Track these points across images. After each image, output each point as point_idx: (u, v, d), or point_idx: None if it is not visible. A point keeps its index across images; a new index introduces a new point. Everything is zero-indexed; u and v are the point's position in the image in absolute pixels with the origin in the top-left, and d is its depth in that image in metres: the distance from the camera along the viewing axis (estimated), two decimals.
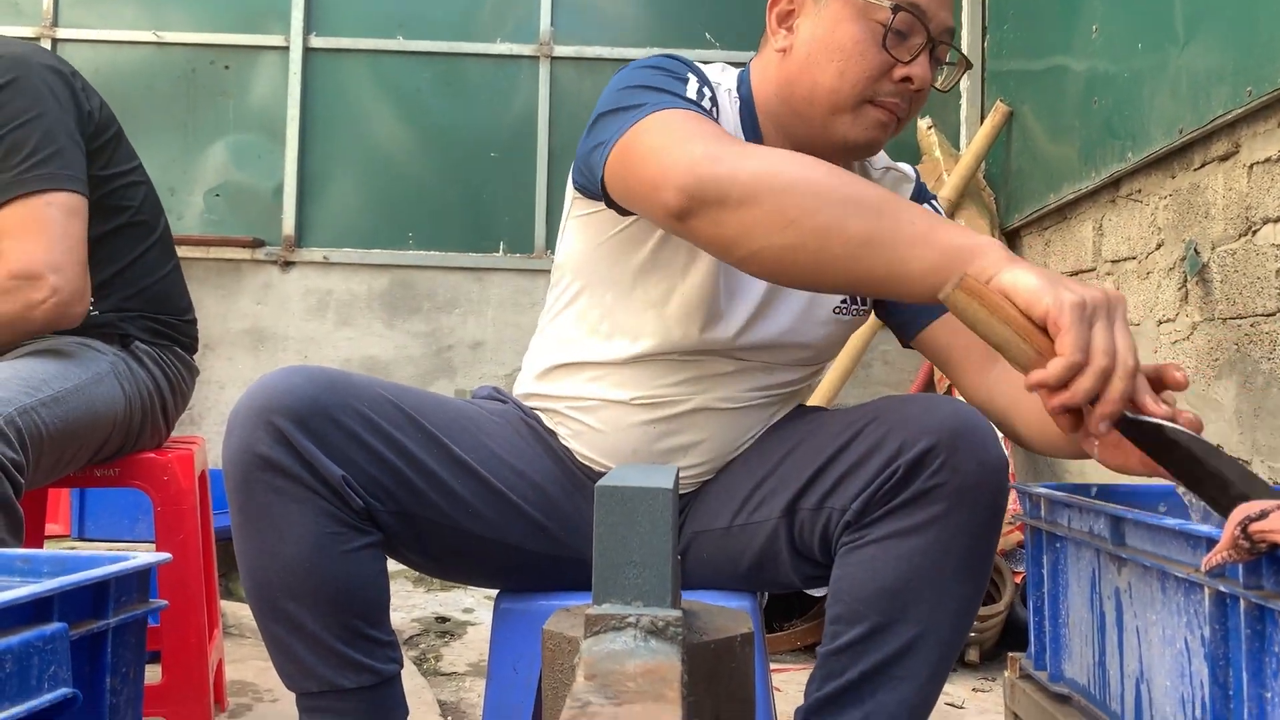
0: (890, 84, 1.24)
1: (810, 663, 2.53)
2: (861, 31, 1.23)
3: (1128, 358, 0.88)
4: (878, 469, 1.17)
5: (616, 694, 0.71)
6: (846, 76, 1.25)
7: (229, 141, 3.90)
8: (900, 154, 4.27)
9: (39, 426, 1.40)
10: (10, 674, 0.60)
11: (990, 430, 1.18)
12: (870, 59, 1.24)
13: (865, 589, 1.16)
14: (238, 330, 3.78)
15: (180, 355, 1.80)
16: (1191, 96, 2.22)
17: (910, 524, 1.15)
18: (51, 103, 1.58)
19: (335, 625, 1.17)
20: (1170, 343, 2.37)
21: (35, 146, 1.53)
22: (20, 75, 1.56)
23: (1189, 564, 0.88)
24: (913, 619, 1.15)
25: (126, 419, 1.63)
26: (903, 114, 1.26)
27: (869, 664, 1.17)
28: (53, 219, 1.53)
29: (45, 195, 1.53)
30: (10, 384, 1.41)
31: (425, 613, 2.97)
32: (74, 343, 1.63)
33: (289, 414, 1.14)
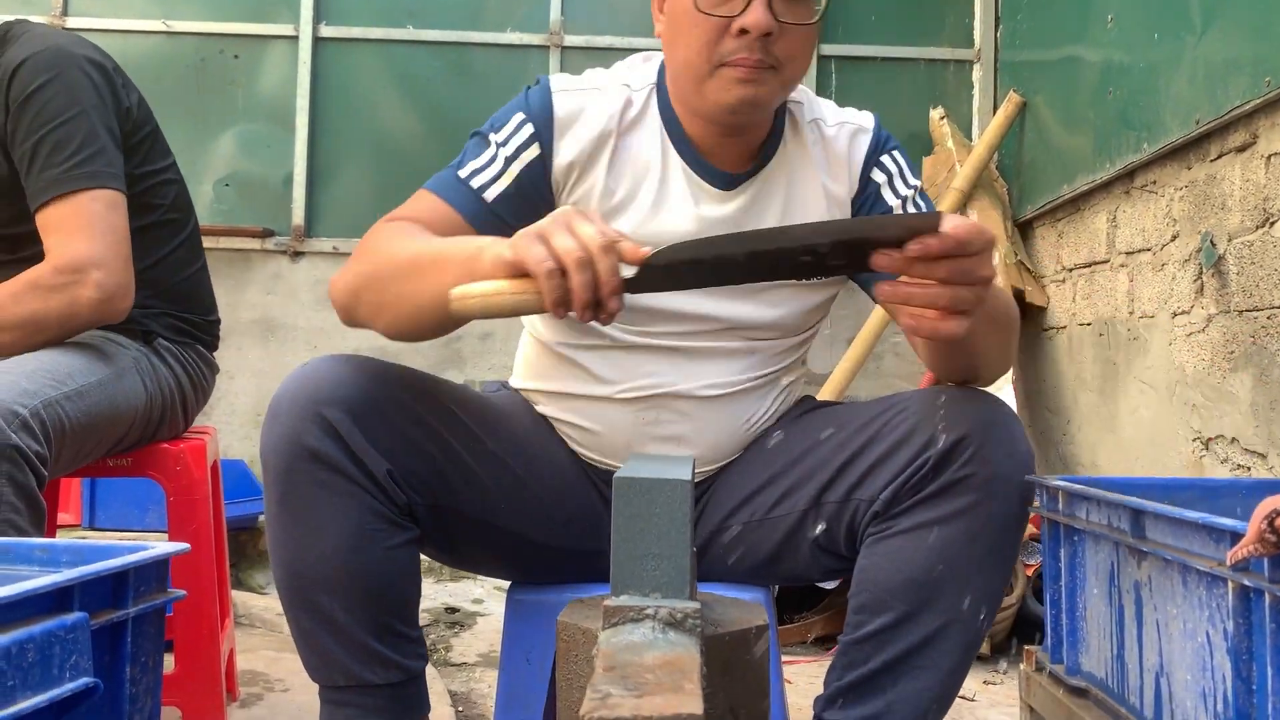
0: (732, 41, 1.22)
1: (821, 655, 2.53)
2: (683, 8, 1.23)
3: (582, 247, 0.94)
4: (907, 460, 1.17)
5: (636, 685, 0.71)
6: (691, 47, 1.25)
7: (238, 131, 3.90)
8: (912, 144, 4.25)
9: (63, 420, 1.40)
10: (33, 663, 0.60)
11: (1018, 423, 1.18)
12: (700, 24, 1.23)
13: (892, 579, 1.16)
14: (247, 320, 3.79)
15: (201, 353, 1.81)
16: (1209, 87, 2.20)
17: (939, 514, 1.15)
18: (93, 98, 1.59)
19: (368, 621, 1.16)
20: (1185, 335, 2.35)
21: (80, 145, 1.55)
22: (62, 70, 1.57)
23: (1211, 558, 0.88)
24: (939, 609, 1.15)
25: (146, 414, 1.63)
26: (764, 64, 1.22)
27: (893, 653, 1.17)
28: (97, 215, 1.54)
29: (90, 193, 1.54)
30: (36, 376, 1.41)
31: (435, 603, 2.98)
32: (98, 337, 1.63)
33: (341, 405, 1.13)
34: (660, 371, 1.32)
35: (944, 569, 1.15)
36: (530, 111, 1.30)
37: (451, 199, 1.26)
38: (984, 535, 1.15)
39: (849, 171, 1.37)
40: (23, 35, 1.62)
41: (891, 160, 1.38)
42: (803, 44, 1.26)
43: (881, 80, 3.91)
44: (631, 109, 1.33)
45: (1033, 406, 3.32)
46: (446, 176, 1.30)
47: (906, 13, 3.92)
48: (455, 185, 1.28)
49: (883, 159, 1.38)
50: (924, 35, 3.91)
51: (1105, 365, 2.81)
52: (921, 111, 3.82)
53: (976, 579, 1.16)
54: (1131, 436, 2.66)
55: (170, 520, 1.71)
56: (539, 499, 1.31)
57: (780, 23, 1.21)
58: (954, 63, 3.90)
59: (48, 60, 1.57)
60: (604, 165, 1.31)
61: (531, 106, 1.30)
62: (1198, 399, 2.29)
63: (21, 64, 1.55)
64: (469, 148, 1.32)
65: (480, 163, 1.29)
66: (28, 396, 1.36)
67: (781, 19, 1.21)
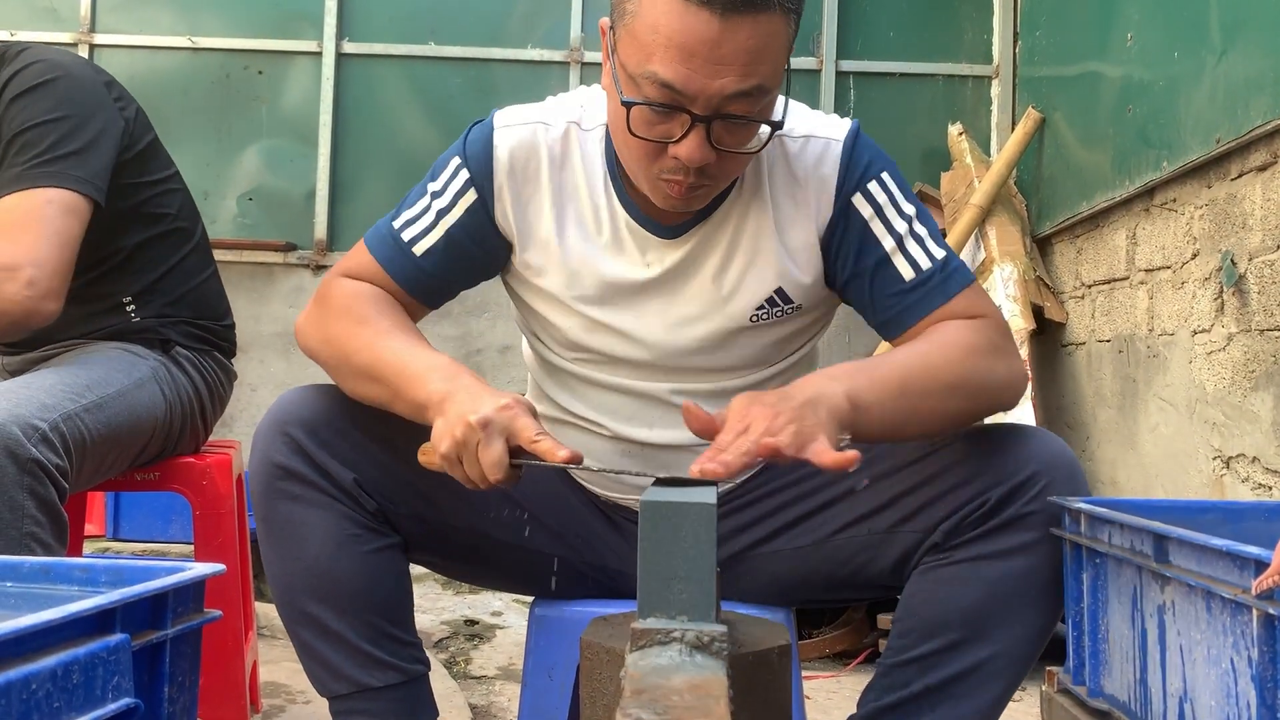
0: (668, 161, 1.13)
1: (839, 670, 2.53)
2: (618, 116, 1.14)
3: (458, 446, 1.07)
4: (971, 494, 1.17)
5: (665, 709, 0.71)
6: (625, 153, 1.19)
7: (262, 146, 3.94)
8: (930, 160, 4.25)
9: (83, 432, 1.42)
10: (77, 685, 0.61)
11: (1078, 463, 1.20)
12: (632, 144, 1.14)
13: (944, 606, 1.17)
14: (270, 333, 3.82)
15: (219, 360, 1.82)
16: (1229, 105, 2.21)
17: (1000, 548, 1.16)
18: (87, 104, 1.58)
19: (359, 624, 1.21)
20: (1205, 353, 2.35)
21: (53, 144, 1.53)
22: (57, 78, 1.58)
23: (1235, 584, 0.88)
24: (988, 641, 1.16)
25: (166, 424, 1.65)
26: (697, 185, 1.15)
27: (936, 679, 1.17)
28: (47, 216, 1.49)
29: (47, 191, 1.50)
30: (55, 390, 1.43)
31: (454, 615, 2.99)
32: (115, 348, 1.65)
33: (301, 425, 1.21)
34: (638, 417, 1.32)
35: (998, 602, 1.15)
36: (466, 156, 1.28)
37: (382, 258, 1.30)
38: (1040, 572, 1.17)
39: (817, 195, 1.24)
40: (24, 50, 1.63)
41: (879, 187, 1.25)
42: (745, 161, 1.18)
43: (900, 96, 3.91)
44: (576, 147, 1.28)
45: (1051, 422, 3.31)
46: (383, 229, 1.32)
47: (925, 28, 3.92)
48: (387, 240, 1.31)
49: (869, 186, 1.24)
50: (942, 51, 3.92)
51: (1125, 382, 2.81)
52: (940, 127, 3.82)
53: (1029, 615, 1.17)
54: (1151, 454, 2.65)
55: (196, 535, 1.73)
56: (527, 508, 1.33)
57: (718, 150, 1.12)
58: (973, 78, 3.91)
59: (44, 68, 1.58)
60: (547, 203, 1.28)
61: (468, 151, 1.29)
62: (1218, 418, 2.29)
63: (24, 68, 1.57)
64: (411, 194, 1.33)
65: (414, 213, 1.31)
66: (47, 410, 1.37)
67: (720, 147, 1.12)
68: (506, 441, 1.06)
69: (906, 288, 1.24)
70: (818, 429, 1.03)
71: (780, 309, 1.28)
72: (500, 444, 1.05)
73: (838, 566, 1.29)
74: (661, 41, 1.06)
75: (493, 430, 1.05)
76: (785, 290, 1.27)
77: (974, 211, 3.32)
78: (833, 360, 1.50)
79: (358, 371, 1.21)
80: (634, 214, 1.27)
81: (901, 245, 1.24)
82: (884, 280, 1.25)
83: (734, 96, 1.08)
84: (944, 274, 1.24)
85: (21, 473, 1.29)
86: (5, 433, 1.29)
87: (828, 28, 3.85)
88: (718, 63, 1.06)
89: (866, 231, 1.24)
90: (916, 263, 1.24)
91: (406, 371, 1.16)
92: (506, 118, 1.30)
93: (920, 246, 1.25)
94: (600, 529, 1.37)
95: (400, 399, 1.16)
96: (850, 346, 3.66)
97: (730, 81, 1.07)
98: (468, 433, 1.05)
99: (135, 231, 1.69)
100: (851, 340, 3.65)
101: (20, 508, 1.29)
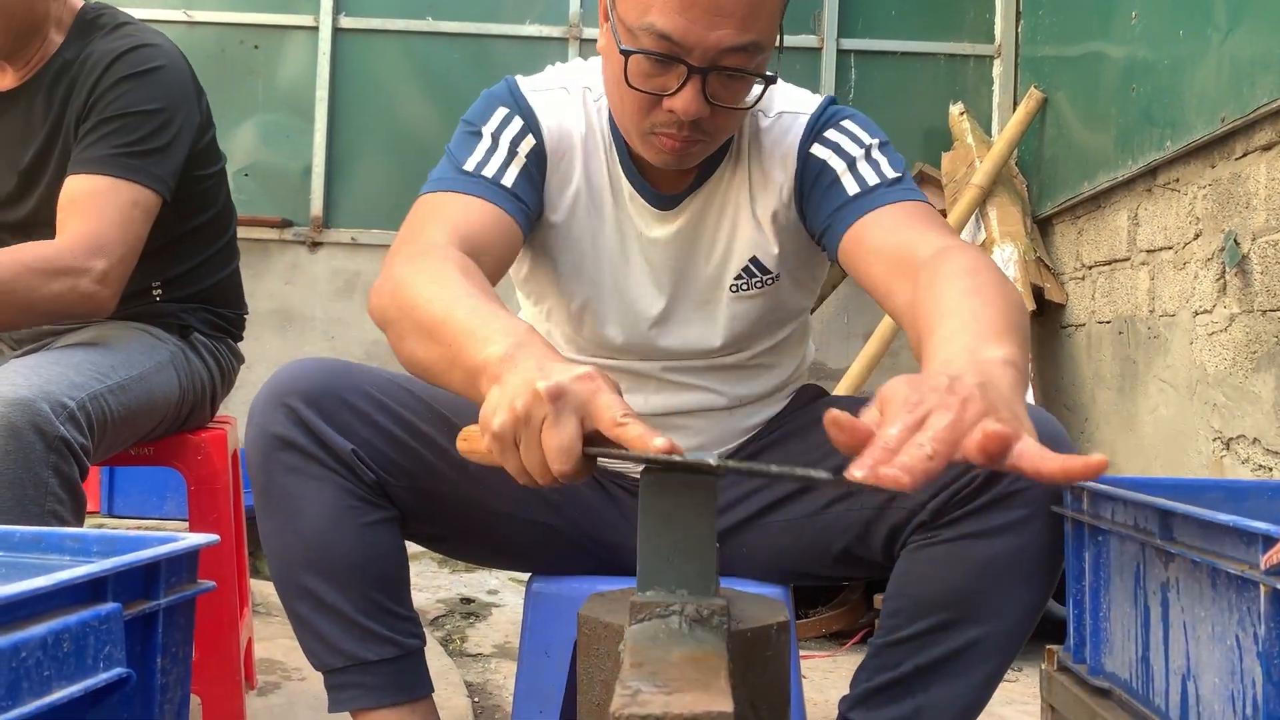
0: (662, 114, 1.14)
1: (835, 650, 2.53)
2: (616, 68, 1.15)
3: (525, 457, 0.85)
4: (958, 472, 1.15)
5: (665, 682, 0.71)
6: (620, 108, 1.20)
7: (258, 121, 3.91)
8: (931, 140, 4.23)
9: (105, 412, 1.42)
10: (68, 654, 0.60)
11: (1069, 441, 1.17)
12: (628, 97, 1.15)
13: (933, 586, 1.15)
14: (265, 310, 3.80)
15: (231, 345, 1.85)
16: (1234, 84, 2.19)
17: (987, 526, 1.14)
18: (179, 103, 1.60)
19: (356, 597, 1.20)
20: (1207, 334, 2.34)
21: (142, 138, 1.54)
22: (162, 67, 1.59)
23: (1242, 560, 0.87)
24: (979, 620, 1.15)
25: (178, 407, 1.66)
26: (691, 140, 1.16)
27: (927, 658, 1.16)
28: (125, 209, 1.52)
29: (129, 184, 1.52)
30: (83, 368, 1.43)
31: (450, 594, 2.99)
32: (135, 329, 1.65)
33: (300, 395, 1.19)
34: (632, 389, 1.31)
35: (989, 580, 1.14)
36: (514, 106, 1.27)
37: (476, 192, 1.20)
38: (1031, 550, 1.15)
39: (783, 161, 1.27)
40: (109, 23, 1.64)
41: (838, 131, 1.26)
42: (738, 116, 1.19)
43: (901, 75, 3.89)
44: (594, 115, 1.29)
45: (1050, 404, 3.31)
46: (451, 175, 1.23)
47: (927, 7, 3.90)
48: (470, 180, 1.22)
49: (826, 133, 1.26)
50: (944, 30, 3.89)
51: (1125, 364, 2.80)
52: (941, 107, 3.80)
53: (1020, 593, 1.15)
54: (1151, 435, 2.64)
55: (191, 510, 1.72)
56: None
57: (713, 105, 1.13)
58: (974, 58, 3.89)
59: (151, 54, 1.59)
60: (579, 168, 1.29)
61: (515, 101, 1.28)
62: (1219, 399, 2.28)
63: (131, 50, 1.58)
64: (458, 145, 1.26)
65: (480, 154, 1.24)
66: (75, 389, 1.37)
67: (715, 101, 1.13)
68: (581, 423, 0.83)
69: (847, 199, 1.22)
70: (1015, 422, 0.79)
71: (758, 279, 1.30)
72: (574, 424, 0.83)
73: (831, 542, 1.28)
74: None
75: (565, 405, 0.83)
76: (760, 260, 1.29)
77: (974, 192, 3.30)
78: (830, 341, 1.49)
79: (421, 326, 1.02)
80: (634, 181, 1.29)
81: (853, 167, 1.24)
82: (832, 196, 1.24)
83: (731, 50, 1.10)
84: (891, 188, 1.22)
85: (48, 450, 1.29)
86: (35, 410, 1.29)
87: (829, 6, 3.81)
88: (715, 14, 1.07)
89: (824, 168, 1.25)
90: (864, 179, 1.23)
91: (473, 328, 0.95)
92: (529, 83, 1.30)
93: (873, 169, 1.23)
94: (598, 501, 1.37)
95: (458, 363, 0.96)
96: (849, 327, 3.64)
97: (728, 34, 1.08)
98: (533, 404, 0.82)
99: (180, 222, 1.70)
100: (850, 321, 3.64)
101: (45, 484, 1.29)
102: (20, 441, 1.27)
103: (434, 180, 1.24)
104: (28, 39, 1.61)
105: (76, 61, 1.60)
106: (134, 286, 1.67)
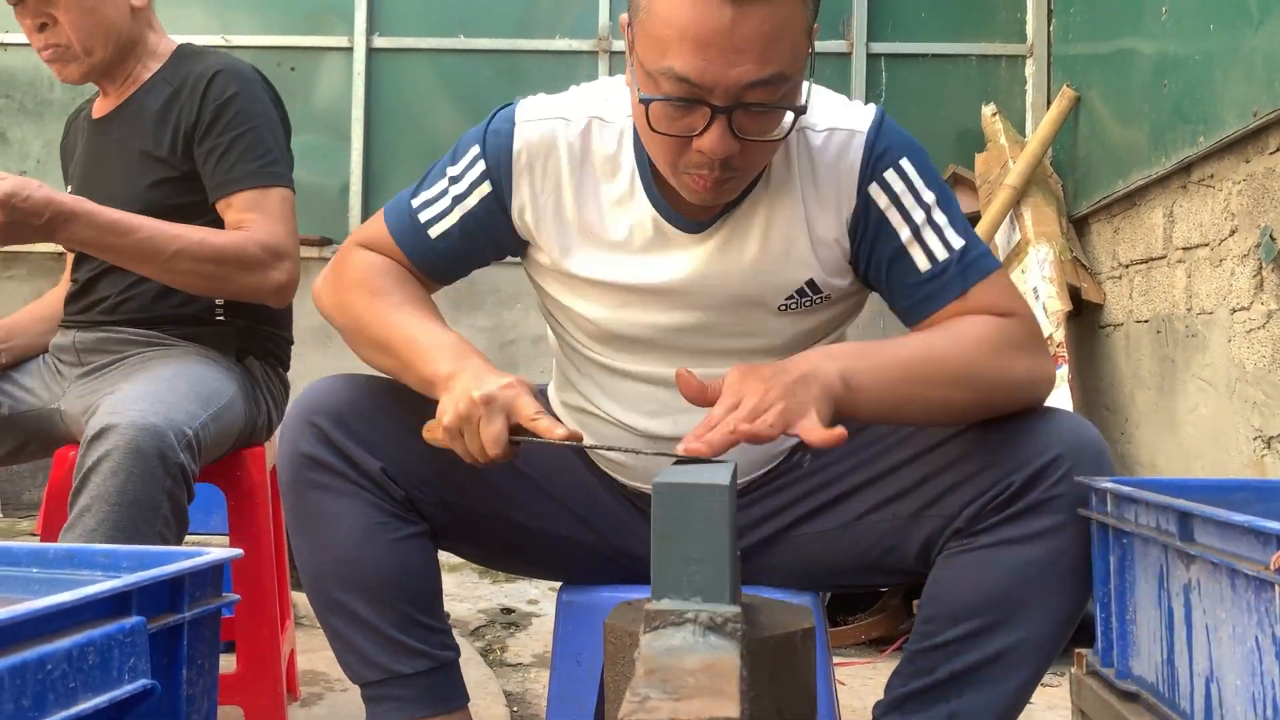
0: (693, 155, 1.12)
1: (874, 656, 2.52)
2: (639, 113, 1.13)
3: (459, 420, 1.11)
4: (995, 479, 1.16)
5: (676, 689, 0.72)
6: (651, 149, 1.18)
7: (295, 142, 3.88)
8: (964, 142, 4.20)
9: (206, 440, 1.50)
10: (93, 665, 0.63)
11: (1105, 445, 1.17)
12: (655, 140, 1.14)
13: (969, 593, 1.15)
14: (306, 328, 3.81)
15: (282, 376, 1.90)
16: (1266, 78, 2.16)
17: (1024, 533, 1.14)
18: (272, 113, 1.75)
19: (388, 612, 1.22)
20: (1245, 331, 2.31)
21: (269, 148, 1.70)
22: (249, 84, 1.73)
23: (1259, 561, 0.87)
24: (1015, 626, 1.15)
25: (243, 434, 1.72)
26: (724, 178, 1.14)
27: (962, 664, 1.16)
28: (288, 211, 1.71)
29: (280, 190, 1.71)
30: (192, 397, 1.51)
31: (491, 604, 3.01)
32: (199, 354, 1.71)
33: (327, 414, 1.22)
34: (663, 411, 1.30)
35: (1024, 587, 1.14)
36: (485, 149, 1.27)
37: (398, 234, 1.32)
38: (1067, 556, 1.15)
39: (839, 188, 1.22)
40: (205, 52, 1.81)
41: (897, 174, 1.22)
42: (772, 149, 1.16)
43: (932, 77, 3.87)
44: (599, 143, 1.26)
45: (1090, 405, 3.27)
46: (402, 205, 1.33)
47: (957, 8, 3.88)
48: (405, 218, 1.32)
49: (885, 174, 1.22)
50: (976, 31, 3.87)
51: (1163, 363, 2.76)
52: (973, 108, 3.78)
53: (1056, 599, 1.15)
54: (1191, 435, 2.61)
55: (231, 524, 1.75)
56: (553, 495, 1.34)
57: (743, 140, 1.10)
58: (1006, 58, 3.86)
59: (238, 73, 1.73)
60: (569, 200, 1.26)
61: (488, 144, 1.27)
62: (1258, 397, 2.25)
63: (218, 73, 1.71)
64: (432, 171, 1.33)
65: (431, 195, 1.31)
66: (191, 418, 1.45)
67: (743, 136, 1.10)
68: (507, 419, 1.10)
69: (922, 279, 1.21)
70: (808, 405, 1.05)
71: (809, 299, 1.27)
72: (501, 420, 1.10)
73: (864, 551, 1.28)
74: (675, 35, 1.05)
75: (495, 407, 1.10)
76: (815, 281, 1.26)
77: (1009, 192, 3.28)
78: None
79: (370, 341, 1.27)
80: (661, 209, 1.25)
81: (918, 235, 1.21)
82: (900, 271, 1.23)
83: (753, 85, 1.07)
84: (962, 264, 1.21)
85: (166, 475, 1.37)
86: (160, 437, 1.35)
87: (858, 10, 3.81)
88: (733, 51, 1.04)
89: (883, 221, 1.22)
90: (933, 253, 1.21)
91: (416, 347, 1.21)
92: (527, 112, 1.28)
93: (938, 236, 1.21)
94: (626, 516, 1.37)
95: (410, 372, 1.22)
96: (885, 333, 3.63)
97: (748, 70, 1.05)
98: (471, 408, 1.10)
99: None
100: (886, 327, 3.62)
101: (159, 507, 1.36)
102: (145, 466, 1.34)
103: (392, 200, 1.36)
104: (124, 56, 1.77)
105: (179, 77, 1.74)
106: (199, 305, 1.72)
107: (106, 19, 1.72)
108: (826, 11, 4.10)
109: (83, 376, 1.73)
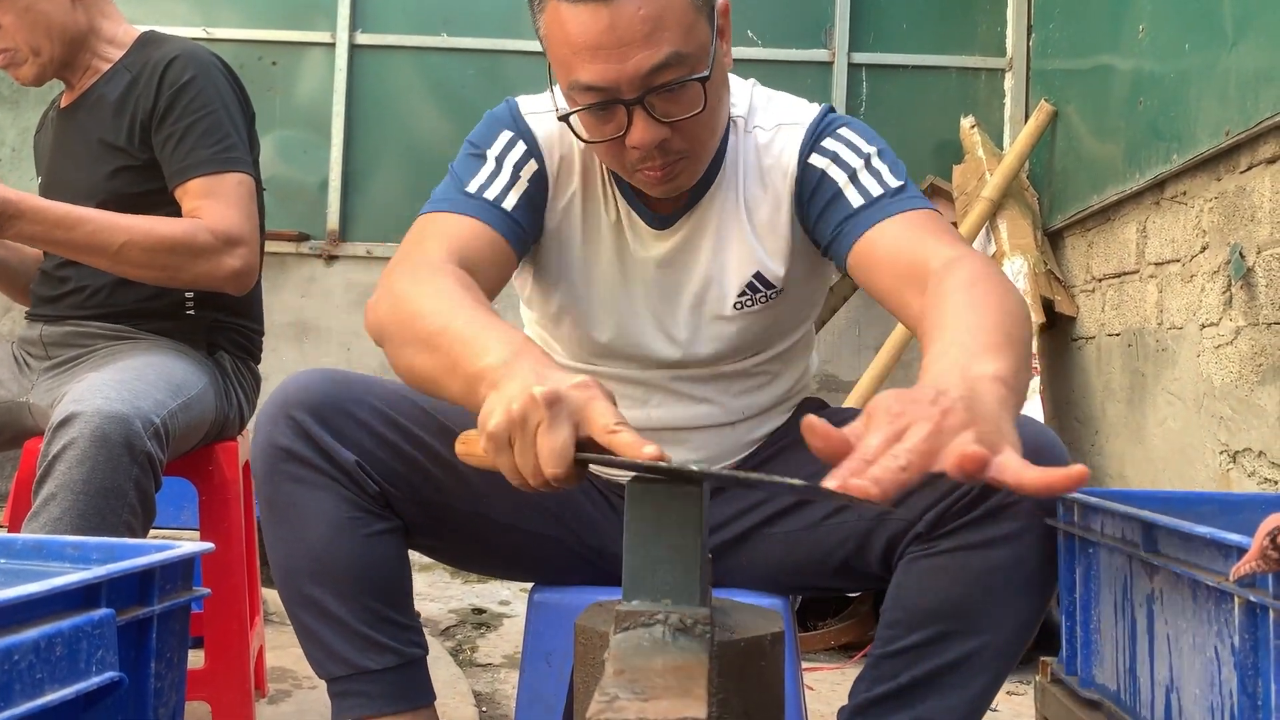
0: (633, 152, 1.16)
1: (844, 662, 2.53)
2: (574, 123, 1.19)
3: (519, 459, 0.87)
4: (955, 483, 1.15)
5: (644, 689, 0.72)
6: (602, 161, 1.24)
7: (275, 136, 3.96)
8: (942, 153, 4.23)
9: (174, 429, 1.49)
10: (60, 657, 0.63)
11: (1065, 451, 1.17)
12: (598, 150, 1.21)
13: (930, 598, 1.16)
14: (282, 323, 3.84)
15: (253, 369, 1.88)
16: (1239, 98, 2.19)
17: (984, 538, 1.14)
18: (231, 99, 1.73)
19: (357, 607, 1.22)
20: (1213, 347, 2.34)
21: (226, 134, 1.68)
22: (206, 69, 1.71)
23: (1220, 572, 0.88)
24: (976, 631, 1.15)
25: (213, 427, 1.71)
26: (672, 162, 1.17)
27: (923, 670, 1.16)
28: (244, 197, 1.68)
29: (237, 175, 1.68)
30: (160, 385, 1.50)
31: (462, 604, 3.01)
32: (171, 346, 1.69)
33: (304, 407, 1.21)
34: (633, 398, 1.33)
35: (985, 592, 1.14)
36: (517, 130, 1.29)
37: (473, 213, 1.23)
38: (1027, 561, 1.15)
39: (782, 173, 1.28)
40: (165, 39, 1.79)
41: (835, 140, 1.26)
42: (705, 123, 1.18)
43: (913, 88, 3.90)
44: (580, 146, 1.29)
45: (1061, 416, 3.30)
46: (453, 195, 1.25)
47: (938, 21, 3.91)
48: (471, 201, 1.24)
49: (824, 142, 1.26)
50: (956, 44, 3.90)
51: (1133, 376, 2.79)
52: (952, 120, 3.81)
53: (1017, 604, 1.16)
54: (1159, 448, 2.64)
55: (202, 519, 1.75)
56: (534, 498, 1.33)
57: (670, 124, 1.14)
58: (985, 71, 3.89)
59: (194, 58, 1.71)
60: (578, 190, 1.30)
61: (517, 125, 1.29)
62: (1225, 411, 2.28)
63: (174, 59, 1.69)
64: (462, 166, 1.29)
65: (483, 177, 1.26)
66: (159, 406, 1.45)
67: (668, 119, 1.14)
68: (575, 428, 0.85)
69: (854, 211, 1.23)
70: (998, 436, 0.79)
71: (763, 294, 1.30)
72: (567, 429, 0.84)
73: (829, 554, 1.29)
74: (570, 51, 1.11)
75: (561, 410, 0.85)
76: (763, 275, 1.29)
77: (985, 204, 3.30)
78: (840, 353, 1.50)
79: (420, 337, 1.05)
80: (633, 204, 1.30)
81: (855, 179, 1.24)
82: (837, 210, 1.24)
83: (653, 71, 1.11)
84: (897, 198, 1.22)
85: (133, 463, 1.36)
86: (127, 425, 1.34)
87: (840, 20, 3.83)
88: (621, 46, 1.09)
89: (823, 178, 1.25)
90: (867, 190, 1.23)
91: (472, 338, 0.99)
92: (530, 105, 1.32)
93: (875, 178, 1.24)
94: (600, 513, 1.38)
95: (457, 372, 0.99)
96: (860, 339, 3.65)
97: (642, 59, 1.10)
98: (528, 408, 0.85)
99: None
100: (861, 333, 3.65)
101: (124, 496, 1.35)
102: (111, 454, 1.33)
103: (435, 200, 1.28)
104: (76, 49, 1.75)
105: (138, 65, 1.73)
106: (169, 298, 1.71)
107: (46, 15, 1.70)
108: (810, 20, 4.13)
109: (50, 370, 1.72)
